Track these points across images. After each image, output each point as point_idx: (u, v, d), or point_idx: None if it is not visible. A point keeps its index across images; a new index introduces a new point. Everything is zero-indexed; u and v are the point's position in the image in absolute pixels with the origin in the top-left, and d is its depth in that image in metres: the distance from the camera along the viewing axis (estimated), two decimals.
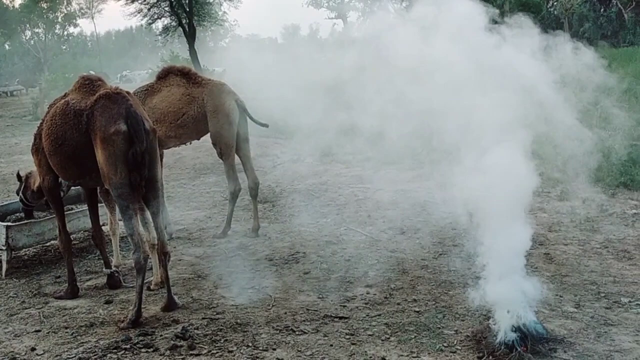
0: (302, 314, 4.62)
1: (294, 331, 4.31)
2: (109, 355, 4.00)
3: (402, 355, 3.92)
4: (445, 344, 4.04)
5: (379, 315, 4.56)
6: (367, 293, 4.99)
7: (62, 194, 5.34)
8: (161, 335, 4.28)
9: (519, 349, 3.76)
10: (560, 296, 4.73)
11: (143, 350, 4.08)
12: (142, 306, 4.62)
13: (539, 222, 6.56)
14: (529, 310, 4.06)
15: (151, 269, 5.28)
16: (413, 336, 4.18)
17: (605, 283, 4.96)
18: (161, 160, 6.64)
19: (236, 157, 6.74)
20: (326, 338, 4.20)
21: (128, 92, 4.68)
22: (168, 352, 4.02)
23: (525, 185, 4.16)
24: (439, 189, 8.09)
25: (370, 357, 3.90)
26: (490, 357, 3.79)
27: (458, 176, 6.46)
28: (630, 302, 4.59)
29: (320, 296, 4.97)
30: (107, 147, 4.36)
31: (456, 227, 6.39)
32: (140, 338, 4.24)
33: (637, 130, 9.81)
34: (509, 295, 4.03)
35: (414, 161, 9.72)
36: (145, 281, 5.17)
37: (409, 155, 9.95)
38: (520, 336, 3.82)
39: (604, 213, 6.84)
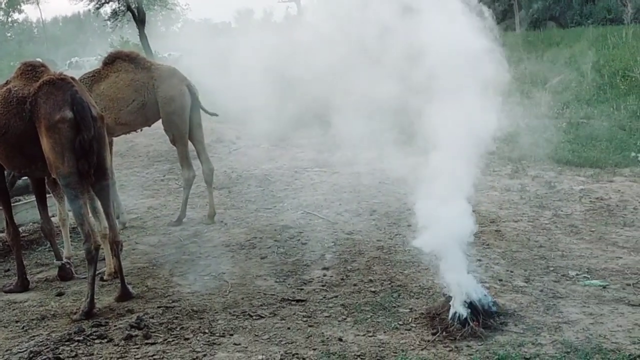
0: (259, 298, 4.61)
1: (251, 316, 4.31)
2: (61, 347, 3.91)
3: (358, 335, 3.96)
4: (400, 322, 4.10)
5: (336, 296, 4.60)
6: (324, 275, 5.02)
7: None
8: (115, 326, 4.21)
9: (471, 324, 3.85)
10: (511, 271, 4.86)
11: (97, 341, 4.01)
12: (95, 297, 4.53)
13: (490, 200, 6.72)
14: (480, 286, 4.16)
15: (104, 259, 5.19)
16: (369, 316, 4.24)
17: (553, 257, 5.13)
18: (111, 148, 6.51)
19: (190, 143, 6.65)
20: (283, 321, 4.21)
21: (73, 78, 4.54)
22: (123, 342, 3.96)
23: (470, 164, 4.23)
24: (394, 170, 8.19)
25: (327, 338, 3.93)
26: (444, 333, 3.87)
27: (411, 157, 6.55)
28: (577, 275, 4.75)
29: (278, 280, 4.97)
30: (53, 135, 4.23)
31: (411, 208, 6.46)
32: (94, 329, 4.16)
33: (583, 109, 10.13)
34: (460, 273, 4.11)
35: (370, 143, 9.78)
36: (98, 272, 5.09)
37: (365, 137, 10.01)
38: (472, 312, 3.91)
39: (552, 190, 7.05)
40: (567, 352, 3.56)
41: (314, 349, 3.78)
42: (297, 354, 3.73)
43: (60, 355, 3.80)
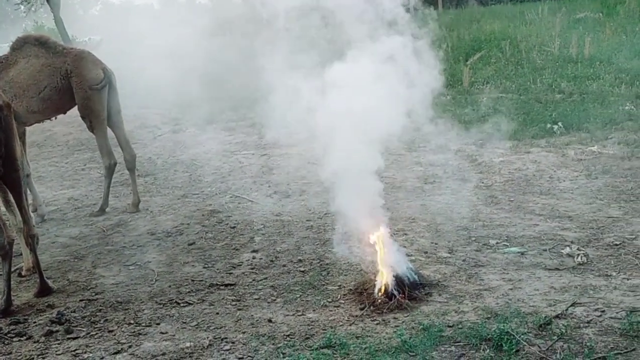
0: (187, 285, 4.54)
1: (179, 303, 4.23)
2: None
3: (287, 315, 3.97)
4: (329, 300, 4.14)
5: (265, 278, 4.58)
6: (253, 258, 4.99)
7: None
8: (35, 322, 4.04)
9: (397, 297, 3.93)
10: (435, 243, 4.99)
11: (15, 339, 3.84)
12: (13, 293, 4.34)
13: (416, 176, 6.87)
14: (405, 259, 4.25)
15: (21, 254, 4.95)
16: (298, 295, 4.25)
17: (475, 228, 5.30)
18: (24, 138, 6.19)
19: (110, 130, 6.41)
20: (212, 307, 4.16)
21: None
22: (43, 338, 3.81)
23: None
24: (322, 150, 8.21)
25: (257, 321, 3.91)
26: (372, 307, 3.93)
27: (337, 138, 6.57)
28: (497, 243, 4.93)
29: (206, 266, 4.90)
30: None
31: (339, 187, 6.50)
32: (12, 327, 3.98)
33: (502, 84, 10.48)
34: (385, 248, 4.19)
35: (298, 125, 9.77)
36: (15, 267, 4.87)
37: (293, 119, 9.98)
38: (398, 284, 3.99)
39: (473, 163, 7.27)
40: (488, 318, 3.70)
41: (243, 332, 3.76)
42: (226, 338, 3.70)
43: None
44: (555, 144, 7.70)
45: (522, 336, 3.44)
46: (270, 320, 3.90)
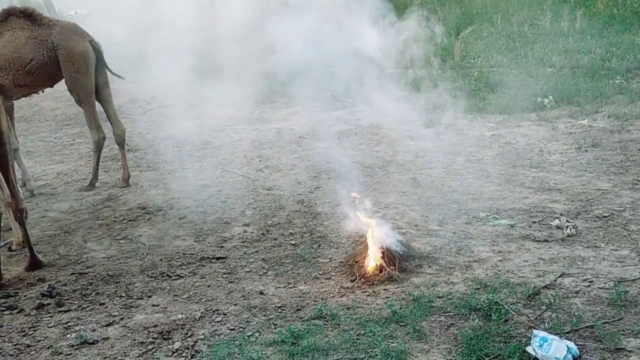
0: (178, 259, 4.54)
1: (170, 276, 4.24)
2: None
3: (279, 287, 3.99)
4: (320, 272, 4.16)
5: (257, 252, 4.59)
6: (245, 232, 4.99)
7: None
8: (26, 296, 4.04)
9: (387, 269, 3.96)
10: (426, 216, 5.01)
11: (6, 312, 3.84)
12: (3, 267, 4.34)
13: (407, 150, 6.86)
14: (395, 231, 4.27)
15: (11, 228, 4.92)
16: (290, 268, 4.27)
17: (465, 201, 5.32)
18: (12, 112, 6.12)
19: (99, 104, 6.34)
20: (203, 279, 4.17)
21: None
22: (34, 311, 3.81)
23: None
24: (313, 125, 8.20)
25: (248, 293, 3.93)
26: (362, 279, 3.96)
27: (328, 112, 6.55)
28: (487, 216, 4.96)
29: (197, 239, 4.91)
30: None
31: (330, 161, 6.51)
32: (3, 301, 3.99)
33: (494, 58, 10.43)
34: (376, 221, 4.21)
35: (288, 99, 9.72)
36: (5, 242, 4.86)
37: (283, 93, 9.93)
38: (388, 256, 4.01)
39: (464, 137, 7.27)
40: (477, 289, 3.74)
41: (235, 304, 3.78)
42: (217, 310, 3.72)
43: None
44: (546, 118, 7.71)
45: (511, 306, 3.49)
46: (261, 293, 3.92)
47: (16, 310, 3.86)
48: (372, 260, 4.02)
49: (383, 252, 4.03)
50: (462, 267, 4.06)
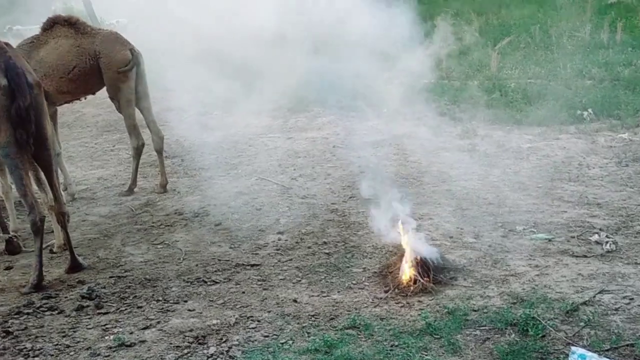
0: (213, 264, 4.60)
1: (206, 282, 4.30)
2: (10, 320, 3.83)
3: (312, 296, 4.00)
4: (353, 282, 4.16)
5: (290, 260, 4.62)
6: (279, 240, 5.02)
7: None
8: (66, 297, 4.14)
9: (421, 280, 3.94)
10: (461, 228, 4.97)
11: (47, 313, 3.94)
12: (45, 269, 4.44)
13: (441, 161, 6.81)
14: (431, 243, 4.25)
15: (53, 231, 5.06)
16: (323, 277, 4.28)
17: (502, 213, 5.26)
18: (55, 118, 6.30)
19: (138, 111, 6.48)
20: (238, 286, 4.22)
21: (7, 44, 4.33)
22: (74, 313, 3.90)
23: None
24: (347, 134, 8.22)
25: (282, 300, 3.96)
26: (396, 290, 3.95)
27: (363, 122, 6.58)
28: (524, 229, 4.89)
29: (232, 246, 4.96)
30: None
31: (365, 171, 6.52)
32: (44, 301, 4.08)
33: (531, 69, 10.31)
34: (411, 232, 4.20)
35: (323, 109, 9.77)
36: (47, 244, 4.98)
37: (319, 103, 9.99)
38: (423, 268, 3.99)
39: (501, 148, 7.18)
40: (514, 303, 3.69)
41: (269, 311, 3.81)
42: (252, 316, 3.75)
43: (10, 329, 3.72)
44: (585, 131, 7.57)
45: (548, 322, 3.43)
46: (295, 301, 3.94)
47: (57, 311, 3.95)
48: (406, 272, 4.00)
49: (417, 264, 4.01)
50: (498, 281, 4.02)
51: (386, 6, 7.16)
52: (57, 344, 3.55)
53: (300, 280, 4.26)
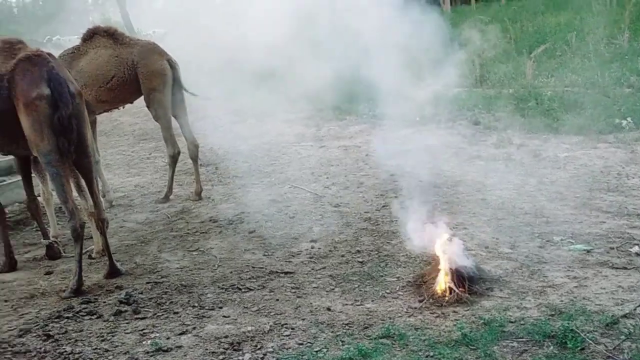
0: (247, 272, 4.63)
1: (240, 289, 4.33)
2: (51, 324, 3.92)
3: (346, 304, 4.00)
4: (387, 291, 4.15)
5: (324, 268, 4.63)
6: (312, 248, 5.04)
7: None
8: (105, 302, 4.22)
9: (457, 290, 3.90)
10: (497, 238, 4.91)
11: (86, 317, 4.02)
12: (84, 274, 4.53)
13: (476, 170, 6.75)
14: (466, 253, 4.20)
15: (92, 237, 5.17)
16: (357, 285, 4.27)
17: (538, 224, 5.17)
18: (94, 127, 6.45)
19: (174, 120, 6.60)
20: (272, 293, 4.24)
21: (50, 54, 4.46)
22: (112, 317, 3.98)
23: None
24: (380, 143, 8.21)
25: (316, 308, 3.96)
26: (430, 299, 3.92)
27: (396, 130, 6.58)
28: (562, 240, 4.80)
29: (266, 253, 4.99)
30: (31, 113, 4.17)
31: (398, 180, 6.50)
32: (83, 306, 4.17)
33: (568, 77, 10.14)
34: (446, 241, 4.16)
35: (356, 117, 9.79)
36: (86, 250, 5.09)
37: (351, 111, 10.02)
38: (458, 278, 3.95)
39: (537, 157, 7.08)
40: (552, 315, 3.62)
41: (303, 319, 3.82)
42: (286, 324, 3.76)
43: (50, 332, 3.81)
44: (624, 140, 7.41)
45: (587, 334, 3.36)
46: (329, 309, 3.94)
47: (96, 316, 4.03)
48: (441, 281, 3.97)
49: (452, 273, 3.97)
50: (536, 292, 3.95)
51: (419, 13, 7.15)
52: (96, 348, 3.62)
53: (333, 289, 4.26)
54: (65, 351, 3.59)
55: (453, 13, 21.85)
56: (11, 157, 5.44)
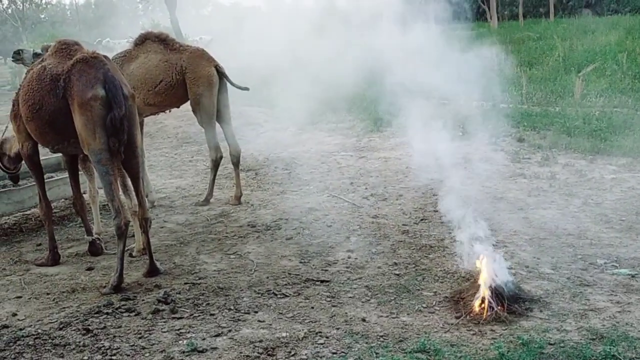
0: (284, 278, 4.65)
1: (276, 294, 4.35)
2: (90, 319, 4.01)
3: (381, 316, 3.98)
4: (424, 305, 4.11)
5: (360, 278, 4.61)
6: (349, 257, 5.03)
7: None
8: (143, 300, 4.30)
9: (495, 309, 3.83)
10: (538, 258, 4.81)
11: (125, 314, 4.10)
12: (124, 272, 4.62)
13: (519, 188, 6.64)
14: (506, 271, 4.13)
15: (133, 236, 5.28)
16: (393, 298, 4.25)
17: (582, 246, 5.05)
18: (141, 129, 6.59)
19: (218, 125, 6.70)
20: (307, 301, 4.25)
21: (106, 57, 4.60)
22: (150, 316, 4.04)
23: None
24: (421, 155, 8.15)
25: (351, 318, 3.95)
26: (468, 316, 3.86)
27: (438, 144, 6.56)
28: (605, 263, 4.68)
29: (302, 261, 5.01)
30: (85, 112, 4.30)
31: (437, 193, 6.44)
32: (122, 303, 4.25)
33: (617, 98, 9.91)
34: (486, 258, 4.10)
35: (397, 129, 9.75)
36: (127, 247, 5.19)
37: (393, 123, 9.98)
38: (497, 296, 3.89)
39: (583, 178, 6.92)
40: (593, 339, 3.53)
41: (337, 328, 3.81)
42: (320, 332, 3.76)
43: (90, 327, 3.90)
44: None
45: None
46: (364, 320, 3.93)
47: (134, 313, 4.11)
48: (480, 299, 3.91)
49: (492, 291, 3.91)
50: (577, 315, 3.85)
51: (467, 29, 7.12)
52: (133, 345, 3.68)
53: (369, 300, 4.24)
54: (104, 346, 3.67)
55: (500, 28, 21.63)
56: (59, 154, 5.60)
